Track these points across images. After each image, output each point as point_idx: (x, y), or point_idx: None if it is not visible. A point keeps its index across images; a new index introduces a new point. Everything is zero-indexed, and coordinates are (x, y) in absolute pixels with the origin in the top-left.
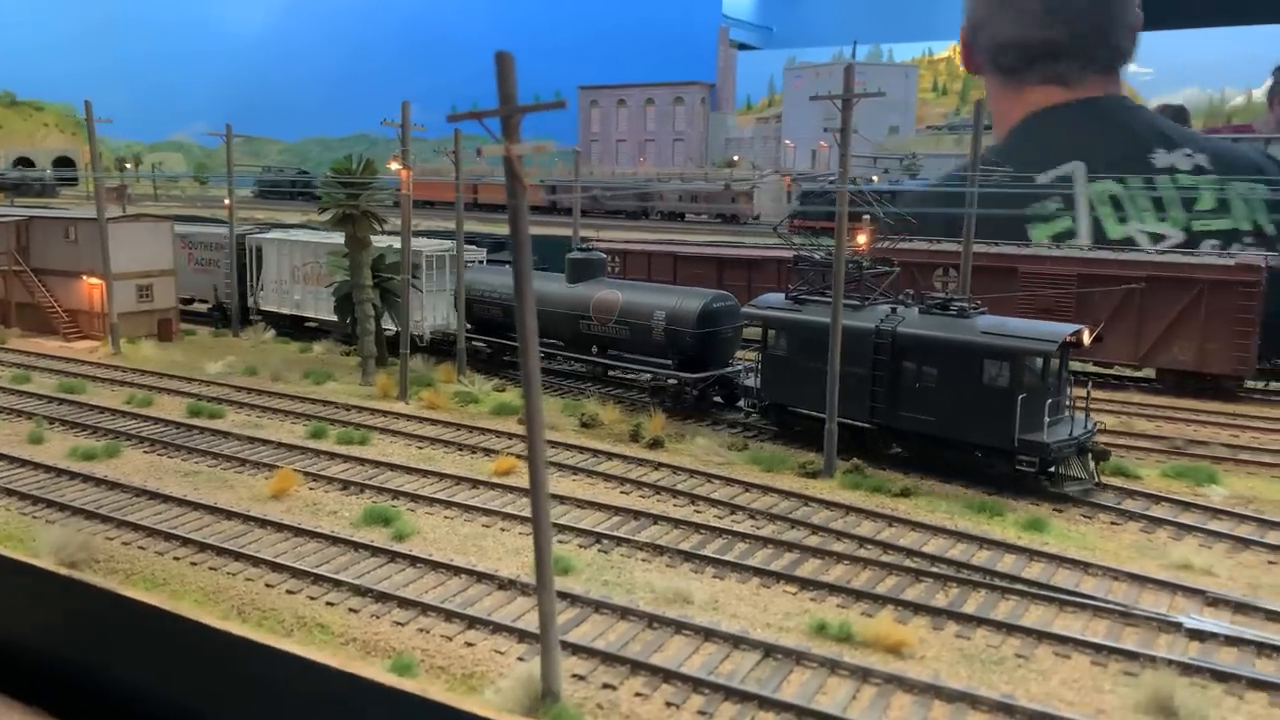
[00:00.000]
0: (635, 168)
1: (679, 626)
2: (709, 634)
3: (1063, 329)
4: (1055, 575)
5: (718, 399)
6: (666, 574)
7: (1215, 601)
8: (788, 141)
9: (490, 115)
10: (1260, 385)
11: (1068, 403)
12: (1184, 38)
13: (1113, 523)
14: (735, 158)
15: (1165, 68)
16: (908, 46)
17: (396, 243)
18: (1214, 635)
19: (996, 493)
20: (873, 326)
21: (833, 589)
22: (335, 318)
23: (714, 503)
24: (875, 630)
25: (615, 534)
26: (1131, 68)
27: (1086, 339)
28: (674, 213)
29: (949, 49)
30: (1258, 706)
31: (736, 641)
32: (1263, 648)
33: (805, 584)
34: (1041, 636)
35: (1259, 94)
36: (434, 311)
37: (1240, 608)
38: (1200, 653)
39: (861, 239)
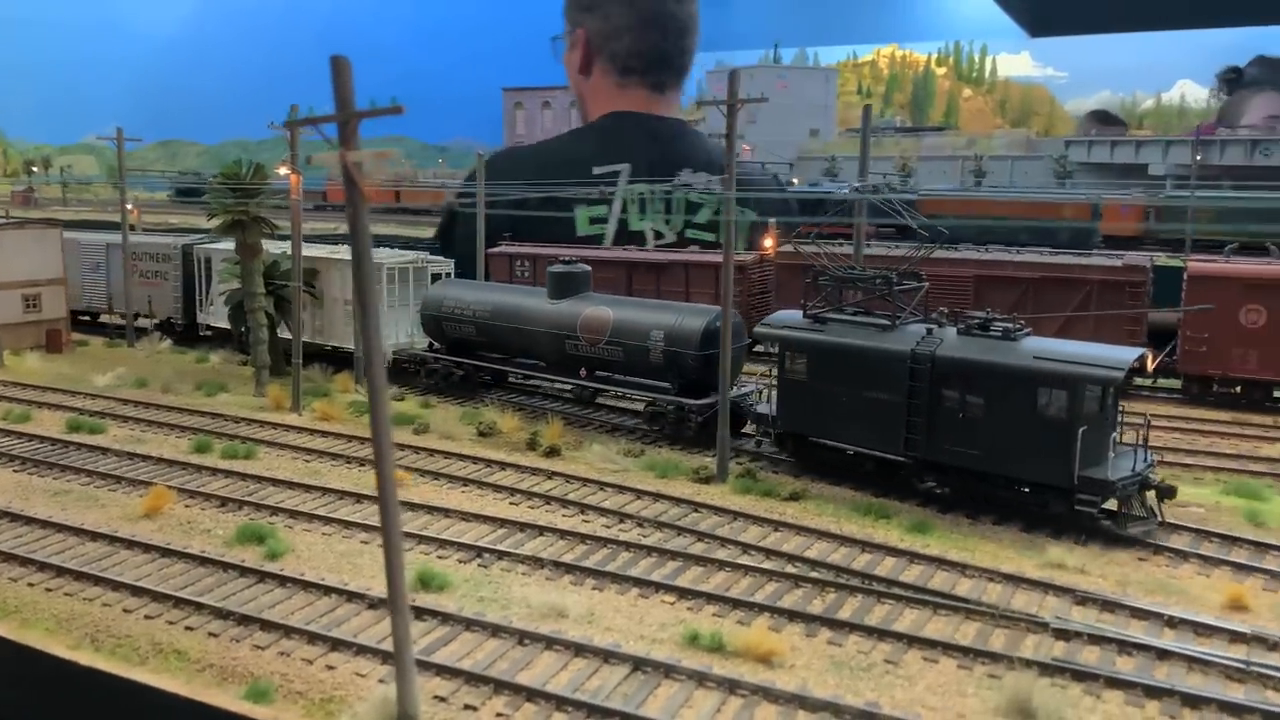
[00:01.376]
0: None
1: (550, 642)
2: (580, 649)
3: (1127, 353)
4: (933, 578)
5: None
6: (546, 587)
7: (1084, 600)
8: None
9: (327, 121)
10: (1149, 383)
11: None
12: (1097, 43)
13: (995, 523)
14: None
15: (1078, 72)
16: (833, 50)
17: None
18: (1079, 634)
19: (884, 495)
20: (908, 350)
21: (710, 598)
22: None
23: (603, 512)
24: (746, 639)
25: (497, 548)
26: (1048, 70)
27: (1150, 364)
28: None
29: (873, 53)
30: (1114, 705)
31: (607, 656)
32: (1124, 645)
33: (684, 593)
34: (912, 641)
35: (1168, 97)
36: (396, 329)
37: (1107, 605)
38: (1065, 652)
39: (768, 243)
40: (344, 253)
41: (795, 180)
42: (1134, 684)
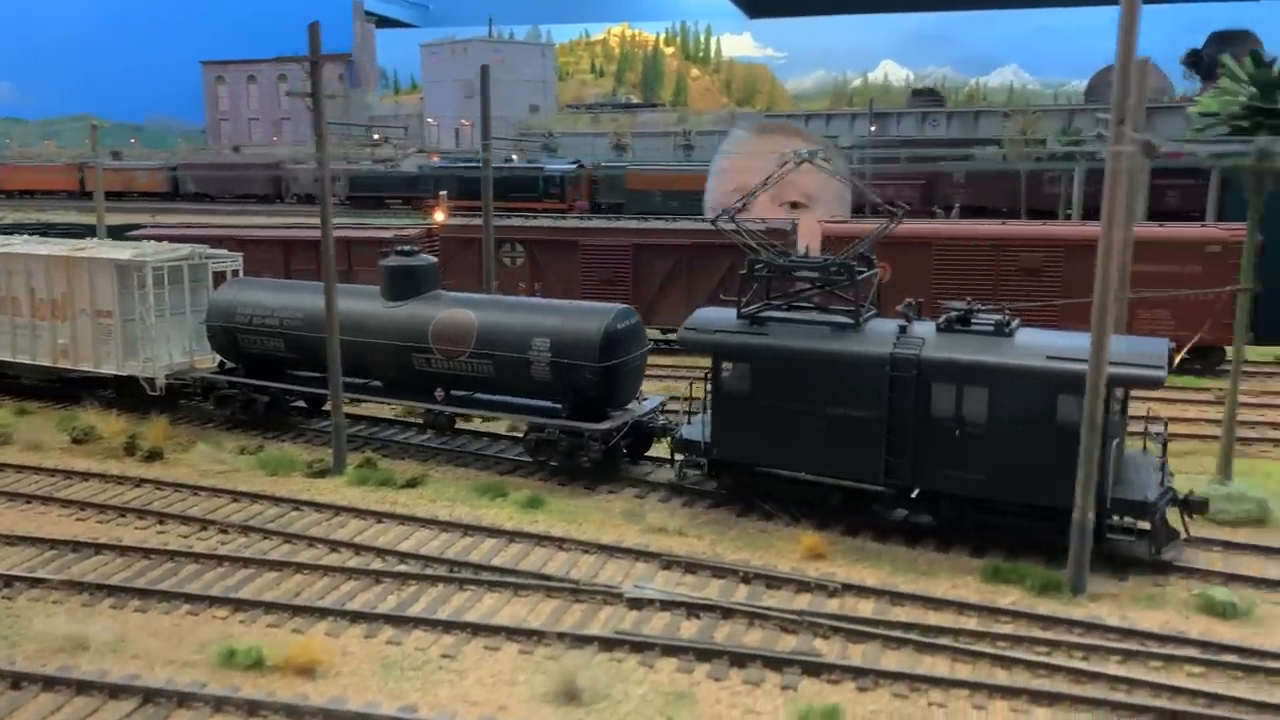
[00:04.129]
0: (270, 148)
1: (50, 682)
2: (84, 687)
3: (1154, 345)
4: (528, 557)
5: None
6: (77, 616)
7: (670, 564)
8: (430, 119)
9: None
10: None
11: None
12: (811, 25)
13: (610, 492)
14: (376, 136)
15: (796, 53)
16: (566, 28)
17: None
18: (651, 602)
19: (510, 472)
20: (885, 353)
21: (269, 607)
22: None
23: (185, 520)
24: (289, 651)
25: (35, 574)
26: (768, 51)
27: (1176, 356)
28: (311, 195)
29: (605, 32)
30: (664, 674)
31: (116, 690)
32: (693, 609)
33: (240, 605)
34: (477, 630)
35: (873, 76)
36: (169, 345)
37: (691, 567)
38: (634, 623)
39: (439, 216)
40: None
41: (515, 156)
42: (688, 649)
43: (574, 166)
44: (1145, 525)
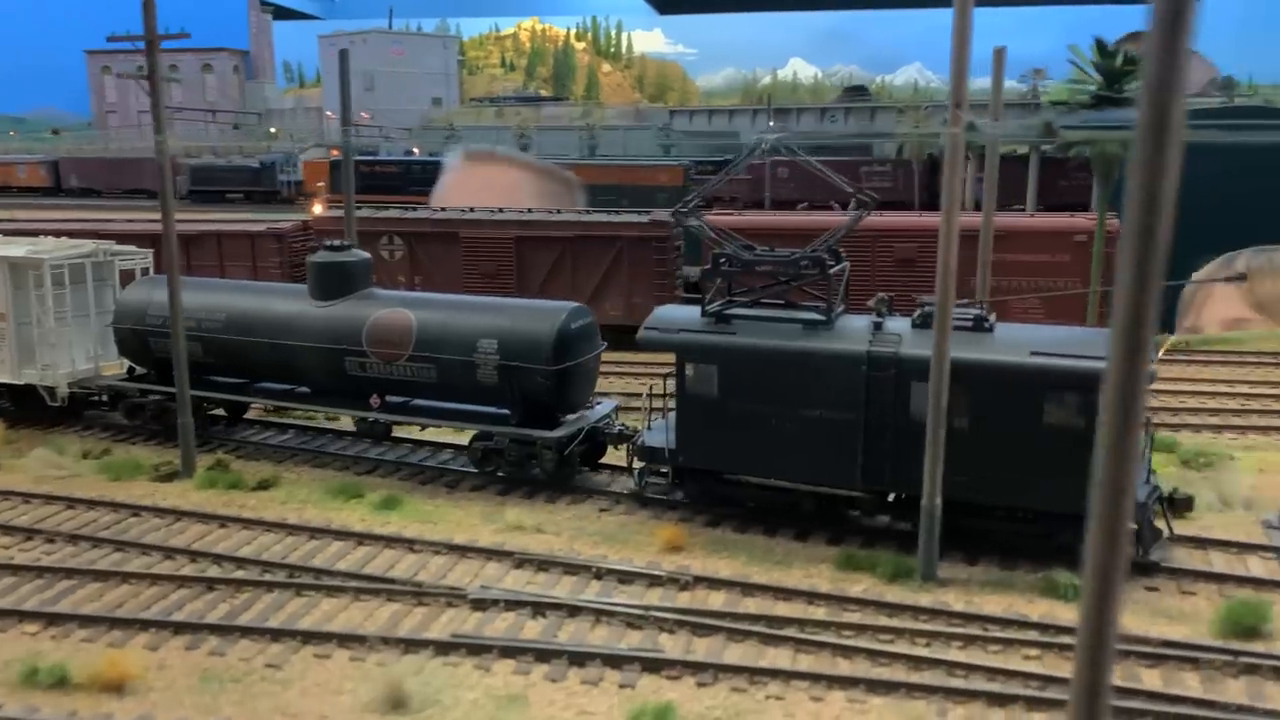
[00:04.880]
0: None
1: None
2: None
3: None
4: (374, 560)
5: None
6: None
7: (522, 562)
8: (329, 112)
9: None
10: None
11: None
12: (720, 22)
13: (474, 488)
14: (273, 129)
15: (707, 49)
16: (477, 22)
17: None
18: (496, 602)
19: (369, 472)
20: (861, 351)
21: (85, 620)
22: None
23: (9, 530)
24: (95, 667)
25: None
26: (679, 48)
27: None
28: (211, 191)
29: (515, 26)
30: (500, 677)
31: None
32: (539, 608)
33: (53, 619)
34: (308, 638)
35: (783, 73)
36: (72, 350)
37: (543, 565)
38: (476, 625)
39: (317, 208)
40: None
41: (416, 150)
42: (527, 650)
43: None
44: (1132, 526)
